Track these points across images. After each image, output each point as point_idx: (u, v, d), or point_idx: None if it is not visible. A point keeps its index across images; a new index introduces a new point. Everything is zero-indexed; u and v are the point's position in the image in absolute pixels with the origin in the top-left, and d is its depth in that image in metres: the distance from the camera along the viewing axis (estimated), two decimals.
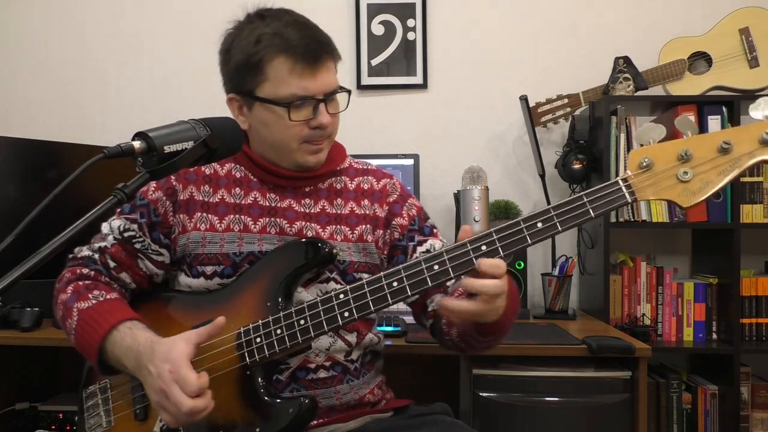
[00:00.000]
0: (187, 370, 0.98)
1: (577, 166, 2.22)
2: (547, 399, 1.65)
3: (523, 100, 2.23)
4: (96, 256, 1.21)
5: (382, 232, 1.28)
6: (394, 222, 1.29)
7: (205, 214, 1.20)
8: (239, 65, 1.17)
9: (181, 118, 0.96)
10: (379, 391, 1.28)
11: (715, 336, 2.19)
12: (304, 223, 1.22)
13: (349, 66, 2.48)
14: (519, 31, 2.49)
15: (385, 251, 1.29)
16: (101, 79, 2.59)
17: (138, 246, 1.21)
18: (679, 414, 2.10)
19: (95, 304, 1.14)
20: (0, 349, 1.86)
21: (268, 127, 1.19)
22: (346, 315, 1.06)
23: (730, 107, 2.13)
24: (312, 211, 1.24)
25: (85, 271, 1.20)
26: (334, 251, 1.14)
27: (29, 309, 1.85)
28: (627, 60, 2.23)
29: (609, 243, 2.11)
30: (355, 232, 1.25)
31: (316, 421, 1.14)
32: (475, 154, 2.45)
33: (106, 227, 1.22)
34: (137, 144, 0.87)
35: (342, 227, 1.25)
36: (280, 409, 1.06)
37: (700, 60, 2.29)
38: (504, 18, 2.49)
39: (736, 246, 2.08)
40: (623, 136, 2.15)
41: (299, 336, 1.07)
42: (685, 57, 2.27)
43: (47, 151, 2.13)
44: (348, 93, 1.23)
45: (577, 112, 2.31)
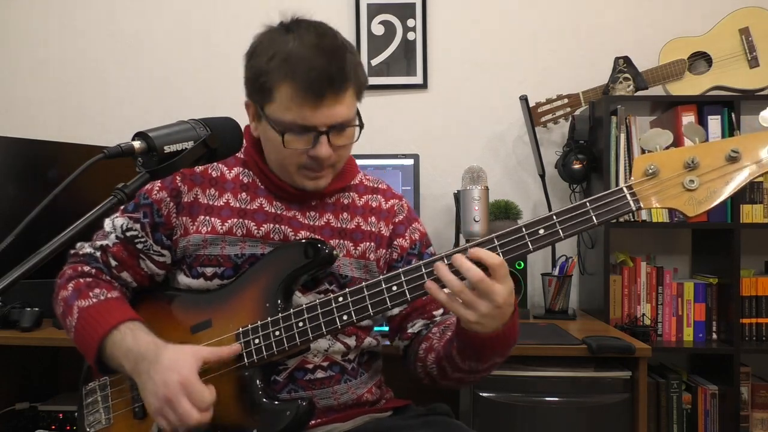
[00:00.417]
0: (201, 385, 1.00)
1: (577, 166, 2.22)
2: (547, 399, 1.65)
3: (523, 100, 2.23)
4: (98, 254, 1.21)
5: (384, 251, 1.28)
6: (396, 242, 1.29)
7: (207, 218, 1.19)
8: (251, 80, 1.16)
9: (181, 118, 0.96)
10: (377, 391, 1.28)
11: (715, 336, 2.19)
12: (308, 233, 1.21)
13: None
14: (519, 31, 2.49)
15: (385, 271, 1.28)
16: (101, 79, 2.59)
17: (140, 246, 1.20)
18: (679, 414, 2.10)
19: (96, 303, 1.13)
20: (0, 349, 1.86)
21: (271, 144, 1.18)
22: (345, 318, 1.06)
23: (730, 107, 2.13)
24: (317, 223, 1.23)
25: (86, 269, 1.20)
26: (335, 252, 1.13)
27: (29, 309, 1.85)
28: (627, 60, 2.23)
29: (609, 243, 2.11)
30: (358, 248, 1.25)
31: (314, 421, 1.14)
32: (475, 154, 2.45)
33: (108, 224, 1.21)
34: (137, 144, 0.87)
35: (346, 242, 1.24)
36: (278, 410, 1.05)
37: (700, 60, 2.29)
38: (504, 18, 2.49)
39: (736, 246, 2.08)
40: (623, 136, 2.15)
41: (298, 338, 1.07)
42: (685, 57, 2.27)
43: (47, 151, 2.13)
44: (359, 127, 1.17)
45: (577, 112, 2.31)
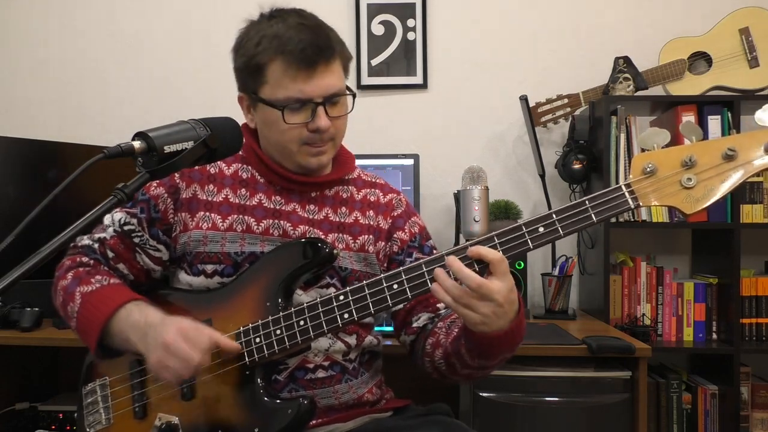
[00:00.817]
0: (199, 329, 1.03)
1: (577, 166, 2.22)
2: (547, 399, 1.65)
3: (523, 100, 2.23)
4: (95, 246, 1.22)
5: (383, 244, 1.29)
6: (395, 235, 1.30)
7: (207, 213, 1.20)
8: (242, 67, 1.19)
9: (181, 118, 0.96)
10: (378, 391, 1.28)
11: (715, 336, 2.19)
12: (307, 228, 1.22)
13: (350, 66, 2.47)
14: (519, 31, 2.49)
15: (385, 264, 1.29)
16: (101, 79, 2.59)
17: (137, 240, 1.21)
18: (679, 414, 2.10)
19: (99, 287, 1.14)
20: (0, 349, 1.86)
21: (270, 128, 1.20)
22: (346, 317, 1.06)
23: (730, 107, 2.13)
24: (316, 217, 1.24)
25: (84, 260, 1.21)
26: (335, 251, 1.13)
27: (29, 309, 1.85)
28: (627, 60, 2.23)
29: (609, 243, 2.11)
30: (357, 241, 1.25)
31: (315, 420, 1.14)
32: (475, 154, 2.45)
33: (107, 218, 1.22)
34: (137, 144, 0.87)
35: (344, 236, 1.25)
36: (279, 409, 1.06)
37: (700, 60, 2.29)
38: (504, 18, 2.49)
39: (736, 246, 2.08)
40: (623, 136, 2.15)
41: (299, 336, 1.07)
42: (685, 57, 2.27)
43: (47, 151, 2.13)
44: (352, 95, 1.22)
45: (577, 112, 2.31)
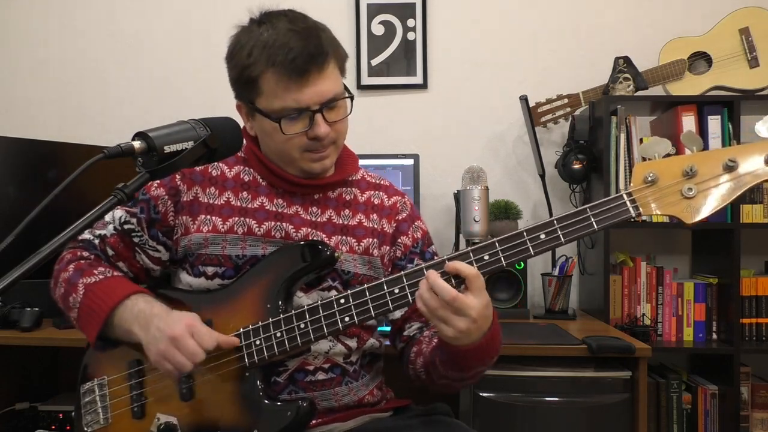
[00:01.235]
0: (206, 328, 1.05)
1: (577, 166, 2.22)
2: (547, 399, 1.65)
3: (523, 100, 2.23)
4: (96, 241, 1.22)
5: (388, 248, 1.28)
6: (399, 240, 1.29)
7: (208, 216, 1.19)
8: (236, 78, 1.18)
9: (181, 118, 0.96)
10: (378, 392, 1.28)
11: (715, 336, 2.19)
12: (309, 230, 1.21)
13: (349, 66, 2.43)
14: (519, 31, 2.49)
15: (389, 268, 1.28)
16: (101, 79, 2.59)
17: (136, 240, 1.22)
18: (679, 414, 2.10)
19: (102, 278, 1.15)
20: (0, 349, 1.86)
21: (269, 137, 1.19)
22: (347, 320, 1.06)
23: (730, 107, 2.13)
24: (319, 219, 1.23)
25: (85, 254, 1.21)
26: (336, 254, 1.13)
27: (29, 309, 1.85)
28: (627, 60, 2.23)
29: (609, 243, 2.11)
30: (361, 244, 1.24)
31: (315, 420, 1.14)
32: (475, 154, 2.45)
33: (108, 216, 1.22)
34: (137, 144, 0.87)
35: (348, 238, 1.24)
36: (279, 411, 1.06)
37: (700, 60, 2.28)
38: (504, 18, 2.49)
39: (736, 246, 2.08)
40: (623, 136, 2.15)
41: (299, 339, 1.07)
42: (685, 57, 2.27)
43: (47, 151, 2.13)
44: (350, 98, 1.20)
45: (577, 112, 2.31)
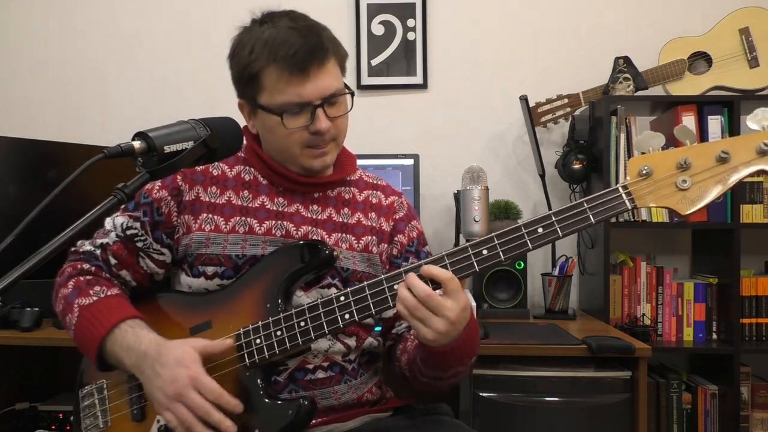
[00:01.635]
0: (209, 379, 1.01)
1: (577, 166, 2.22)
2: (547, 399, 1.65)
3: (523, 100, 2.23)
4: (97, 252, 1.21)
5: (386, 246, 1.30)
6: (396, 238, 1.31)
7: (210, 215, 1.20)
8: (238, 75, 1.20)
9: (181, 118, 0.96)
10: (377, 390, 1.28)
11: (715, 336, 2.19)
12: (310, 228, 1.22)
13: (349, 66, 2.42)
14: (519, 31, 2.49)
15: (387, 266, 1.30)
16: (101, 79, 2.59)
17: (140, 244, 1.21)
18: (679, 414, 2.10)
19: (96, 301, 1.14)
20: (0, 349, 1.86)
21: (271, 133, 1.20)
22: (347, 317, 1.06)
23: (730, 107, 2.13)
24: (319, 217, 1.24)
25: (86, 267, 1.20)
26: (335, 253, 1.14)
27: (29, 309, 1.85)
28: (627, 60, 2.23)
29: (609, 243, 2.11)
30: (361, 241, 1.26)
31: (315, 420, 1.13)
32: (475, 154, 2.45)
33: (109, 223, 1.22)
34: (137, 144, 0.87)
35: (348, 236, 1.25)
36: (279, 410, 1.05)
37: (700, 60, 2.29)
38: (504, 18, 2.49)
39: (736, 246, 2.08)
40: (623, 136, 2.15)
41: (299, 338, 1.07)
42: (685, 57, 2.27)
43: (47, 151, 2.13)
44: (351, 94, 1.22)
45: (577, 112, 2.31)
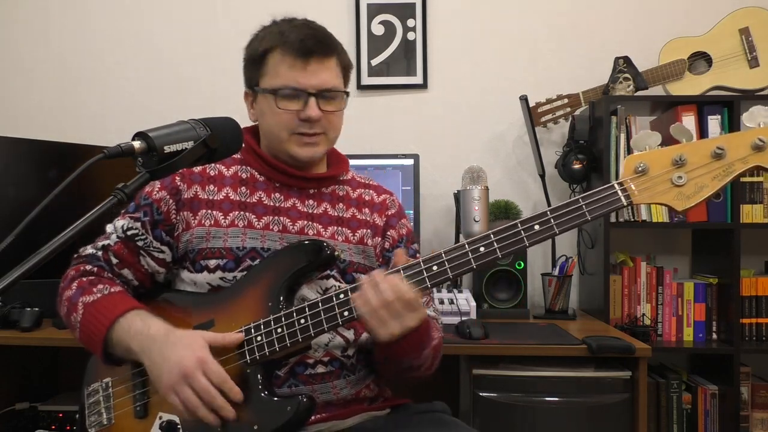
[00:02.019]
0: (216, 364, 1.04)
1: (577, 166, 2.22)
2: (547, 399, 1.65)
3: (523, 100, 2.23)
4: (99, 253, 1.23)
5: (379, 239, 1.32)
6: (389, 233, 1.34)
7: (209, 211, 1.22)
8: (247, 59, 1.27)
9: (181, 118, 0.96)
10: (375, 387, 1.29)
11: (715, 336, 2.19)
12: (306, 222, 1.25)
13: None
14: (519, 31, 2.49)
15: (380, 258, 1.32)
16: (101, 79, 2.59)
17: (140, 243, 1.22)
18: (679, 414, 2.10)
19: (100, 297, 1.16)
20: (0, 349, 1.86)
21: (264, 117, 1.25)
22: (346, 314, 1.08)
23: (730, 107, 2.13)
24: (315, 211, 1.27)
25: (88, 268, 1.22)
26: (336, 253, 1.15)
27: (29, 309, 1.85)
28: (627, 60, 2.23)
29: (609, 243, 2.11)
30: (356, 234, 1.29)
31: (314, 416, 1.14)
32: (475, 154, 2.45)
33: (110, 227, 1.25)
34: (137, 144, 0.87)
35: (343, 229, 1.28)
36: (279, 407, 1.06)
37: (700, 60, 2.29)
38: (504, 18, 2.49)
39: (736, 246, 2.08)
40: (623, 136, 2.15)
41: (299, 334, 1.08)
42: (685, 57, 2.27)
43: (47, 151, 2.13)
44: (345, 94, 1.26)
45: (577, 112, 2.31)
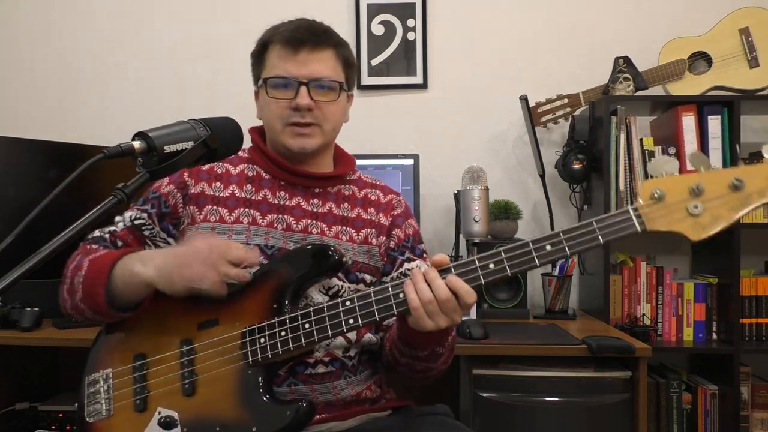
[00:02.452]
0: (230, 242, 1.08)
1: (577, 166, 2.22)
2: (547, 399, 1.65)
3: (523, 100, 2.23)
4: (106, 236, 1.25)
5: (384, 239, 1.32)
6: (394, 232, 1.34)
7: (215, 207, 1.23)
8: (253, 56, 1.30)
9: (181, 118, 0.97)
10: (377, 389, 1.29)
11: (715, 336, 2.19)
12: (310, 221, 1.25)
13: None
14: (519, 31, 2.49)
15: (385, 257, 1.32)
16: (101, 79, 2.59)
17: (146, 233, 1.24)
18: (679, 414, 2.10)
19: (107, 252, 1.18)
20: (0, 349, 1.86)
21: (263, 110, 1.28)
22: (351, 322, 1.07)
23: (730, 107, 2.13)
24: (319, 210, 1.27)
25: (94, 247, 1.23)
26: (344, 259, 1.14)
27: (29, 309, 1.85)
28: (627, 60, 2.23)
29: (609, 243, 2.11)
30: (360, 234, 1.29)
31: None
32: (475, 154, 2.45)
33: (118, 217, 1.27)
34: (137, 144, 0.87)
35: (348, 228, 1.28)
36: (279, 410, 1.06)
37: (700, 60, 2.29)
38: (504, 18, 2.49)
39: (736, 246, 2.08)
40: (623, 136, 2.15)
41: (303, 339, 1.08)
42: (685, 57, 2.27)
43: (47, 151, 2.13)
44: (339, 85, 1.25)
45: (577, 112, 2.31)
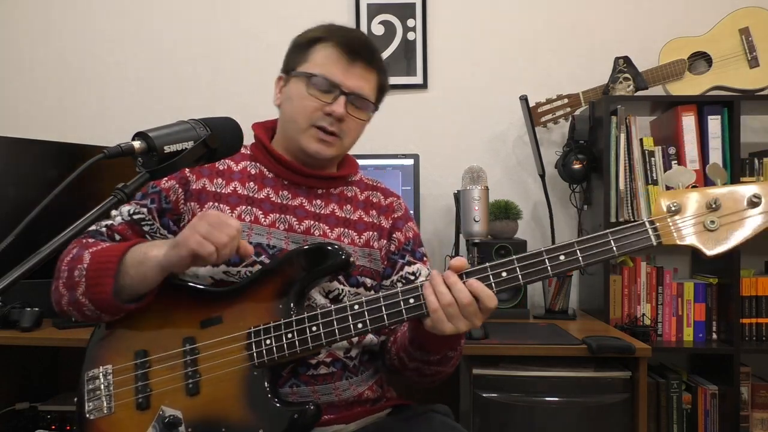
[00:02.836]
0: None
1: (577, 166, 2.22)
2: (547, 399, 1.65)
3: (523, 100, 2.23)
4: (103, 230, 1.22)
5: (385, 242, 1.32)
6: (394, 235, 1.34)
7: (216, 204, 1.21)
8: (293, 45, 1.28)
9: (181, 118, 0.96)
10: (378, 389, 1.29)
11: (715, 336, 2.19)
12: (312, 222, 1.24)
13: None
14: (519, 31, 2.49)
15: (386, 261, 1.32)
16: (101, 79, 2.59)
17: (146, 228, 1.22)
18: (679, 414, 2.10)
19: (109, 245, 1.15)
20: (0, 349, 1.86)
21: (291, 101, 1.24)
22: (360, 326, 1.07)
23: (730, 107, 2.13)
24: (322, 212, 1.27)
25: (91, 241, 1.19)
26: (351, 259, 1.13)
27: (29, 309, 1.85)
28: (627, 60, 2.23)
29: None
30: (362, 237, 1.28)
31: None
32: (475, 154, 2.45)
33: (115, 212, 1.23)
34: (137, 144, 0.87)
35: (350, 231, 1.27)
36: (285, 412, 1.06)
37: (700, 60, 2.29)
38: (504, 18, 2.49)
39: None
40: (623, 136, 2.15)
41: (310, 342, 1.07)
42: (685, 57, 2.27)
43: (47, 151, 2.13)
44: (373, 107, 1.27)
45: (577, 112, 2.31)
